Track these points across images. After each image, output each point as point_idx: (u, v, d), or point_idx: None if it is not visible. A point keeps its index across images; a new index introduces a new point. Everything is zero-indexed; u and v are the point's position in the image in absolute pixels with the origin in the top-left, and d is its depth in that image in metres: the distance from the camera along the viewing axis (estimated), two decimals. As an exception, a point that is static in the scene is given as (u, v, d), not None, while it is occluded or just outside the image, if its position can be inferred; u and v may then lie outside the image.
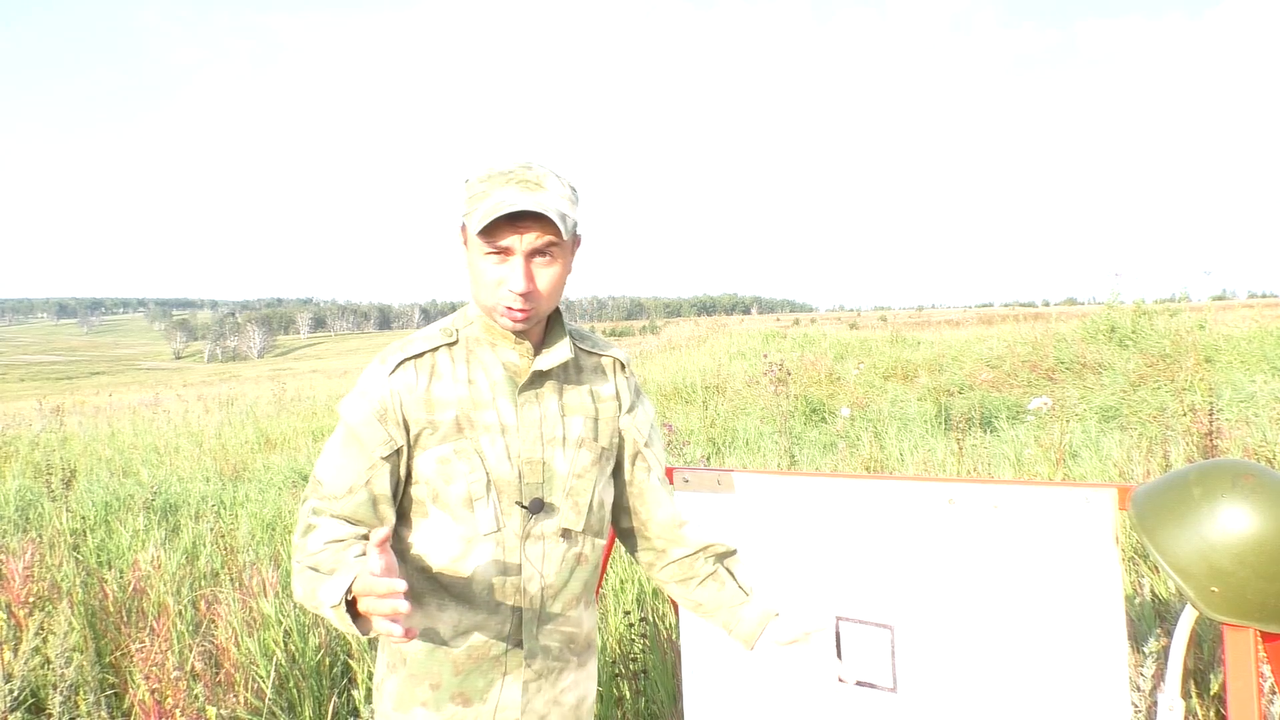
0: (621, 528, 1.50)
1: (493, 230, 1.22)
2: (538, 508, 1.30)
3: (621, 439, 1.43)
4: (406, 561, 1.32)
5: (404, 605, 1.01)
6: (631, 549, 1.51)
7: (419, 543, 1.31)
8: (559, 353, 1.32)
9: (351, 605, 1.09)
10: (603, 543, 1.43)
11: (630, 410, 1.43)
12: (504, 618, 1.31)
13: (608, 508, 1.43)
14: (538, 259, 1.26)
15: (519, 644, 1.32)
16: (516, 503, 1.29)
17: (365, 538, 1.23)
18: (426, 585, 1.30)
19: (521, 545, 1.30)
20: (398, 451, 1.27)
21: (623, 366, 1.44)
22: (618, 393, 1.42)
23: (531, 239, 1.23)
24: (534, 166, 1.27)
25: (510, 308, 1.25)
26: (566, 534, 1.33)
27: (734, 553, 1.49)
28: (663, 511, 1.45)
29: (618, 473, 1.45)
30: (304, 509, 1.28)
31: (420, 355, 1.30)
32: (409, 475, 1.31)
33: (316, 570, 1.17)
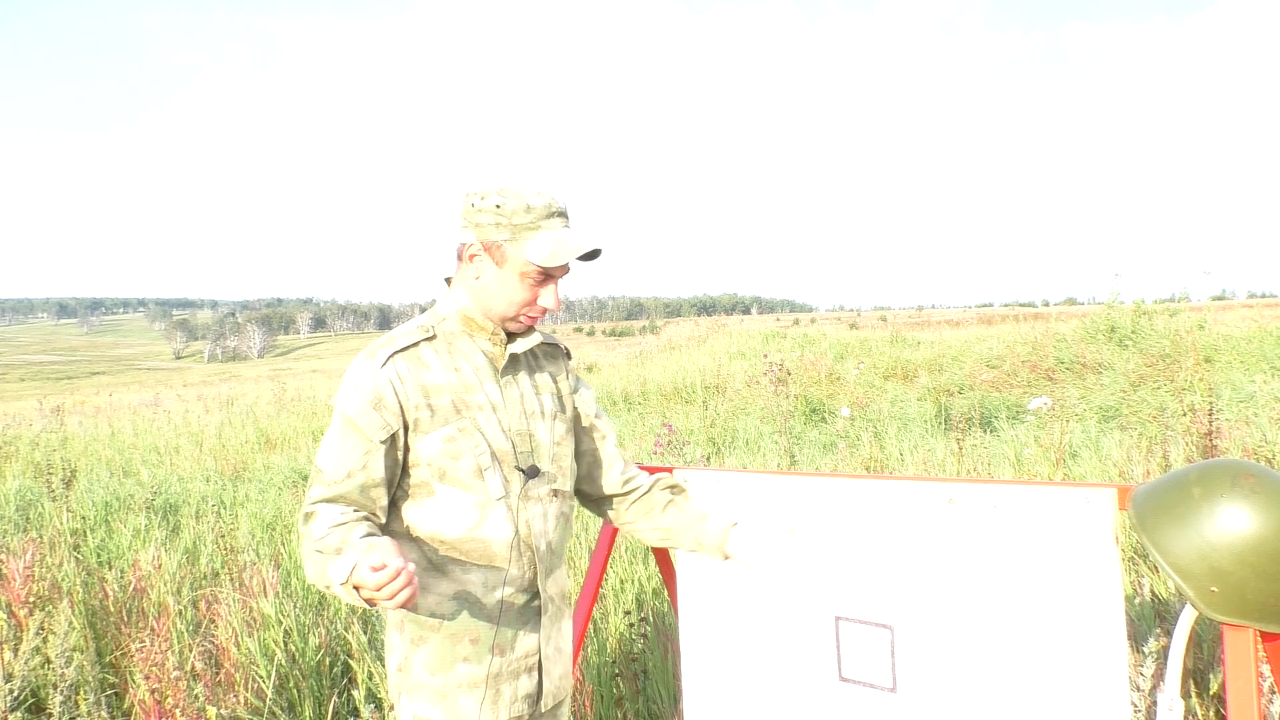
0: (585, 495, 1.69)
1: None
2: (534, 473, 1.49)
3: (577, 413, 1.64)
4: (420, 539, 1.43)
5: (401, 598, 1.14)
6: (599, 510, 1.72)
7: (432, 520, 1.43)
8: (531, 339, 1.52)
9: None
10: (575, 503, 1.63)
11: (575, 391, 1.65)
12: (522, 572, 1.47)
13: (576, 473, 1.63)
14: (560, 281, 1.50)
15: (535, 595, 1.50)
16: (516, 468, 1.46)
17: (366, 519, 1.35)
18: (447, 555, 1.43)
19: (525, 506, 1.47)
20: (393, 437, 1.40)
21: (568, 354, 1.67)
22: (566, 373, 1.65)
23: (567, 269, 1.47)
24: (556, 197, 1.47)
25: (532, 317, 1.49)
26: (555, 494, 1.53)
27: (684, 489, 1.72)
28: (616, 470, 1.67)
29: (576, 446, 1.64)
30: (306, 497, 1.40)
31: (406, 349, 1.44)
32: (406, 462, 1.42)
33: (322, 553, 1.29)
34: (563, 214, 1.45)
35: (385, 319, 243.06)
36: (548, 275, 1.45)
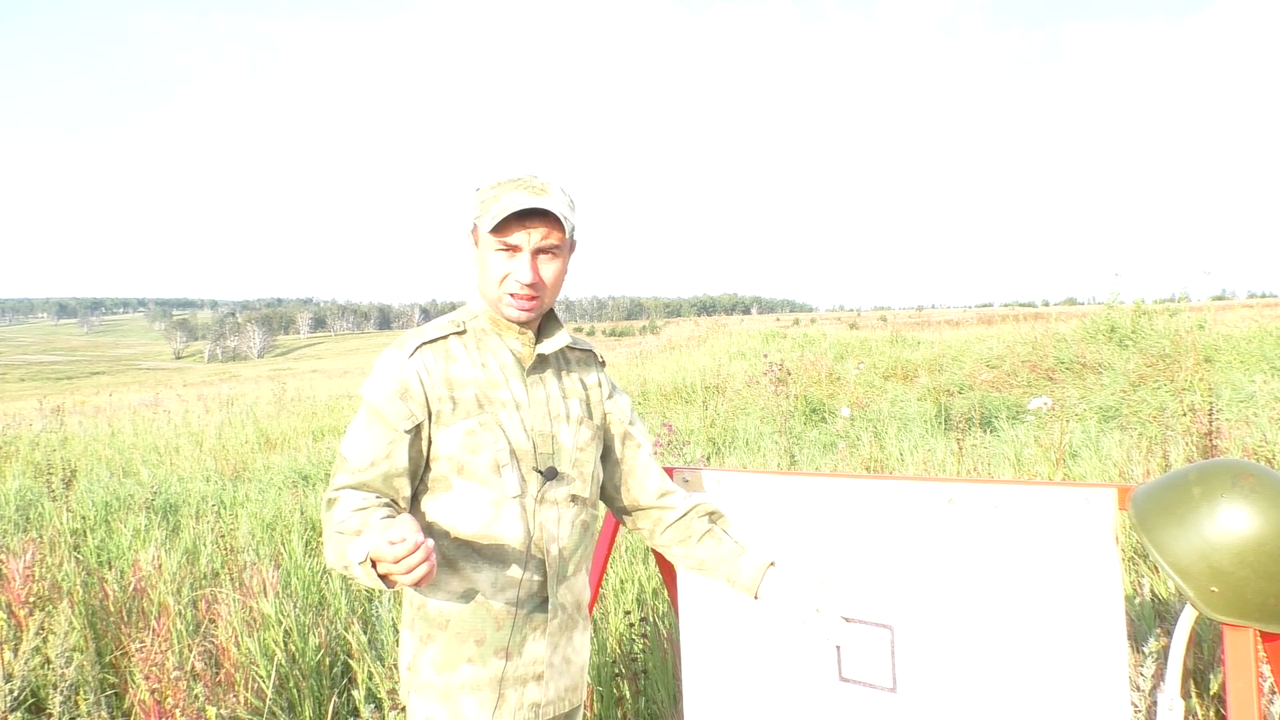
0: (617, 505, 1.65)
1: (504, 228, 1.39)
2: (552, 474, 1.46)
3: (607, 422, 1.60)
4: (435, 533, 1.43)
5: (418, 573, 1.12)
6: (631, 523, 1.67)
7: (448, 514, 1.43)
8: (559, 340, 1.51)
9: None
10: (599, 513, 1.59)
11: (610, 397, 1.62)
12: (532, 575, 1.45)
13: (600, 480, 1.59)
14: (542, 256, 1.43)
15: (544, 601, 1.47)
16: (534, 469, 1.44)
17: (388, 504, 1.36)
18: (459, 551, 1.43)
19: (540, 509, 1.45)
20: (418, 427, 1.40)
21: (601, 362, 1.65)
22: (600, 381, 1.61)
23: (538, 237, 1.41)
24: (539, 175, 1.44)
25: (515, 295, 1.42)
26: (575, 500, 1.50)
27: (723, 514, 1.66)
28: (652, 482, 1.63)
29: (608, 454, 1.62)
30: (330, 484, 1.40)
31: (435, 341, 1.45)
32: (428, 454, 1.42)
33: (343, 534, 1.30)
34: (532, 186, 1.40)
35: (385, 319, 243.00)
36: (511, 247, 1.41)
